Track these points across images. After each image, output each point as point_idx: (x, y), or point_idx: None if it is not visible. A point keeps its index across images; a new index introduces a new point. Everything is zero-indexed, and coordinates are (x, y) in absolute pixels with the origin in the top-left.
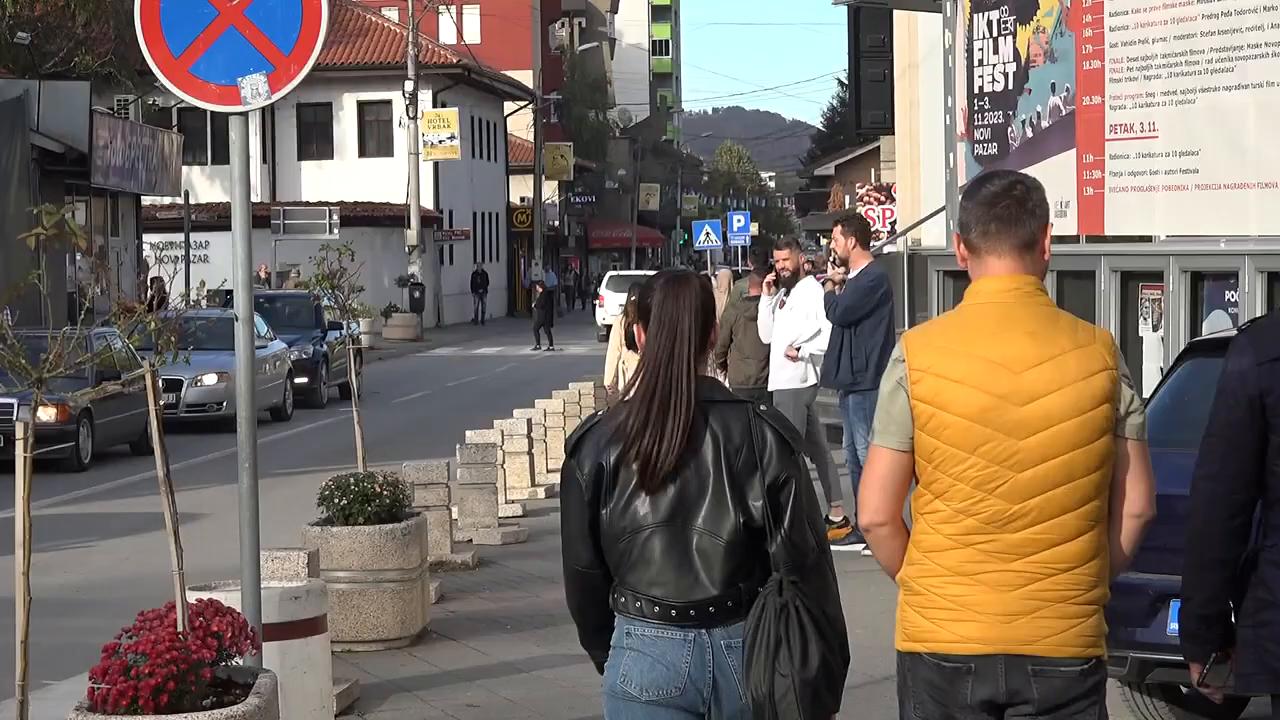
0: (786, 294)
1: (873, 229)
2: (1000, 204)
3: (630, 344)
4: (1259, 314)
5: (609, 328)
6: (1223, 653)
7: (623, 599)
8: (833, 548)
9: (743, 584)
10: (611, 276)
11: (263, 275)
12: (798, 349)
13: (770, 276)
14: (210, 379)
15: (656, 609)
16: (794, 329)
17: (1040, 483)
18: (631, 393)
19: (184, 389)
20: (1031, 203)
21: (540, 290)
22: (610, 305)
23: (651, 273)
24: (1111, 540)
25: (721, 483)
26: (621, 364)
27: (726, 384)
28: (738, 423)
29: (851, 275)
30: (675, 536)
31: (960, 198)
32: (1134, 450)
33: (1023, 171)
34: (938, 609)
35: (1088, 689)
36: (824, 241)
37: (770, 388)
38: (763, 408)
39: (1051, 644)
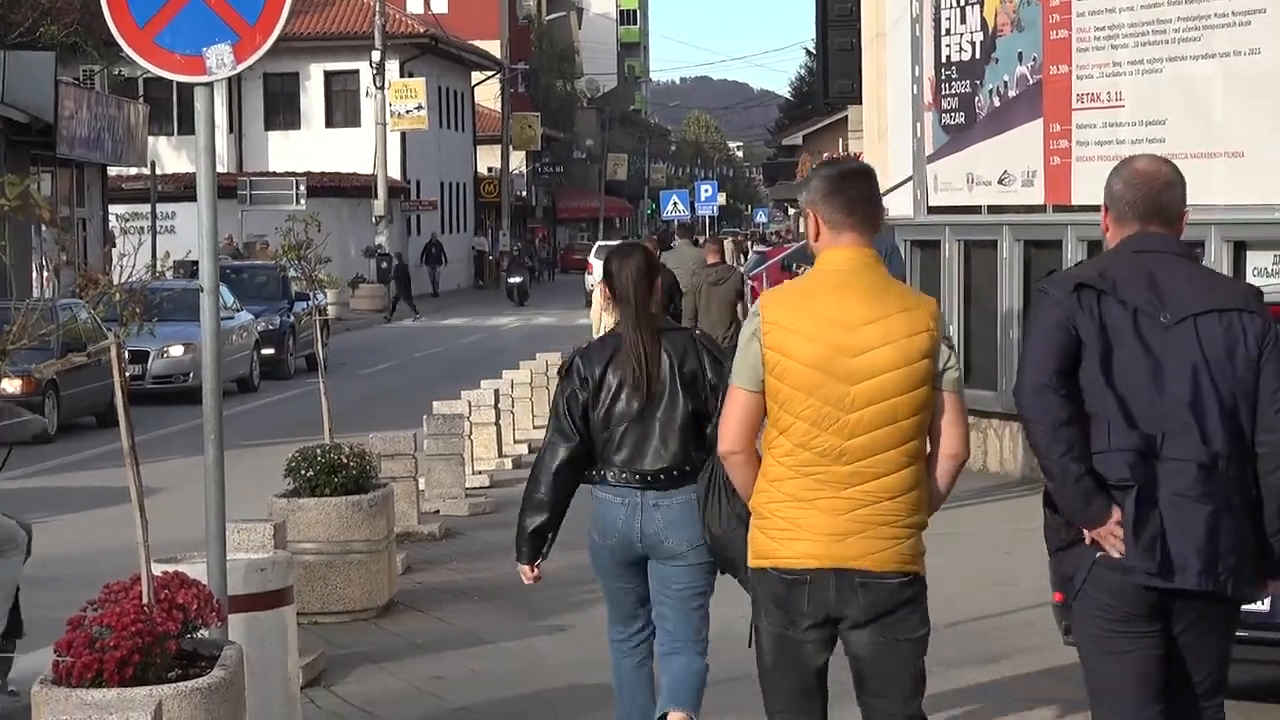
0: None
1: None
2: (865, 186)
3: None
4: None
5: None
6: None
7: (604, 472)
8: None
9: (693, 454)
10: (599, 247)
11: (237, 245)
12: None
13: None
14: (177, 350)
15: (635, 476)
16: None
17: (867, 423)
18: (615, 329)
19: (150, 360)
20: (878, 190)
21: (395, 261)
22: (598, 272)
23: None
24: (931, 476)
25: (675, 385)
26: (605, 328)
27: None
28: (682, 342)
29: None
30: (645, 426)
31: (813, 181)
32: (950, 401)
33: (986, 142)
34: (779, 530)
35: (907, 598)
36: (791, 211)
37: None
38: (699, 333)
39: (875, 560)
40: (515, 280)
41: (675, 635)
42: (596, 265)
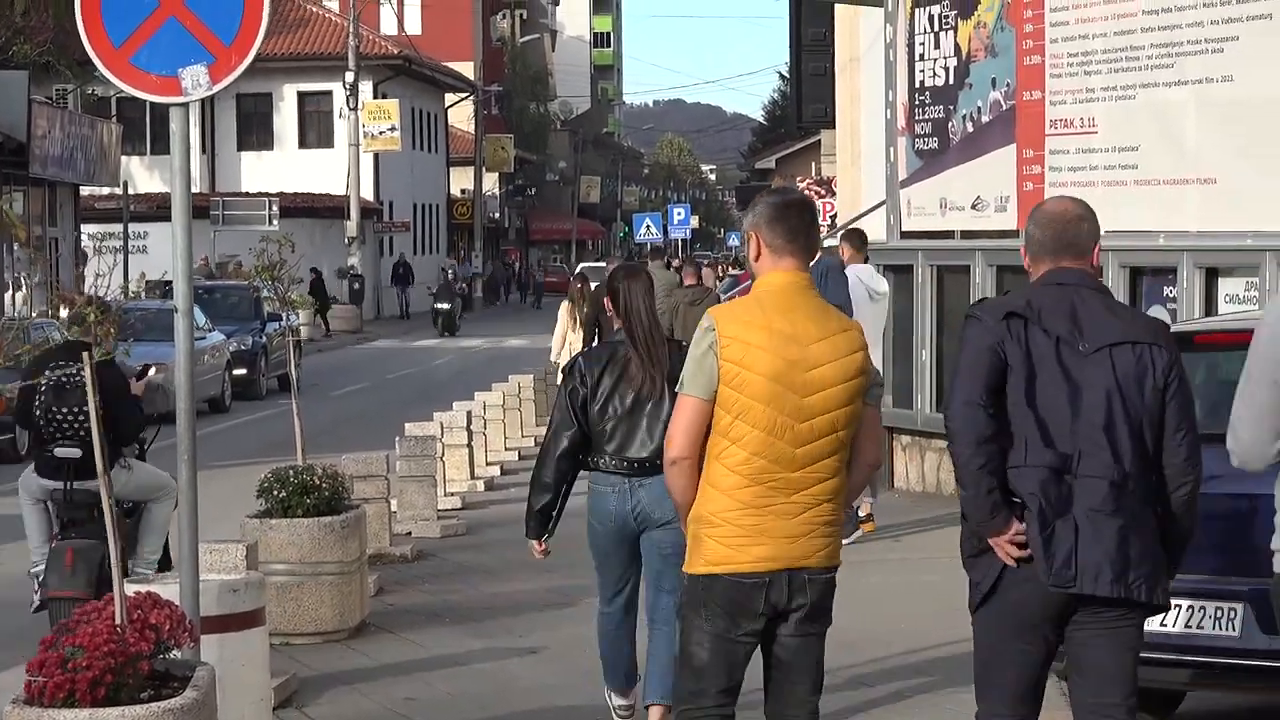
0: None
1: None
2: (805, 215)
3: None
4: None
5: None
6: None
7: (598, 459)
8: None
9: None
10: (584, 268)
11: (210, 266)
12: None
13: None
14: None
15: (622, 464)
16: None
17: (815, 432)
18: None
19: None
20: (817, 220)
21: (314, 276)
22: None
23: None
24: (849, 481)
25: (664, 388)
26: (569, 344)
27: None
28: (676, 353)
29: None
30: (634, 421)
31: (757, 207)
32: (872, 415)
33: (960, 167)
34: (736, 537)
35: (833, 588)
36: None
37: None
38: (685, 344)
39: (819, 558)
40: (443, 307)
41: (660, 586)
42: None
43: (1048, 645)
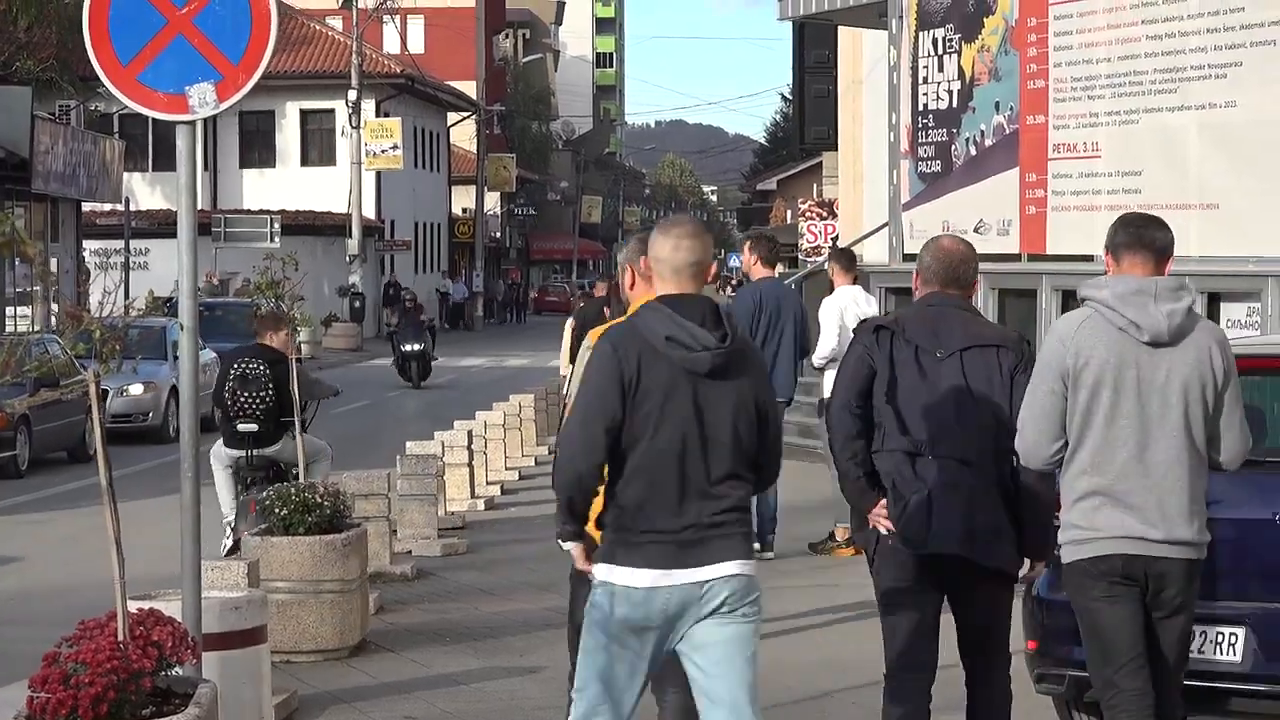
0: None
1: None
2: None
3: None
4: None
5: None
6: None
7: None
8: None
9: None
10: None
11: (215, 282)
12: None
13: None
14: (136, 389)
15: None
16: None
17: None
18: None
19: (110, 399)
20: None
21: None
22: None
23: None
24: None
25: None
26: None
27: None
28: None
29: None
30: None
31: (629, 243)
32: None
33: (963, 190)
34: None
35: None
36: None
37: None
38: None
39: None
40: (412, 348)
41: None
42: None
43: (930, 593)
